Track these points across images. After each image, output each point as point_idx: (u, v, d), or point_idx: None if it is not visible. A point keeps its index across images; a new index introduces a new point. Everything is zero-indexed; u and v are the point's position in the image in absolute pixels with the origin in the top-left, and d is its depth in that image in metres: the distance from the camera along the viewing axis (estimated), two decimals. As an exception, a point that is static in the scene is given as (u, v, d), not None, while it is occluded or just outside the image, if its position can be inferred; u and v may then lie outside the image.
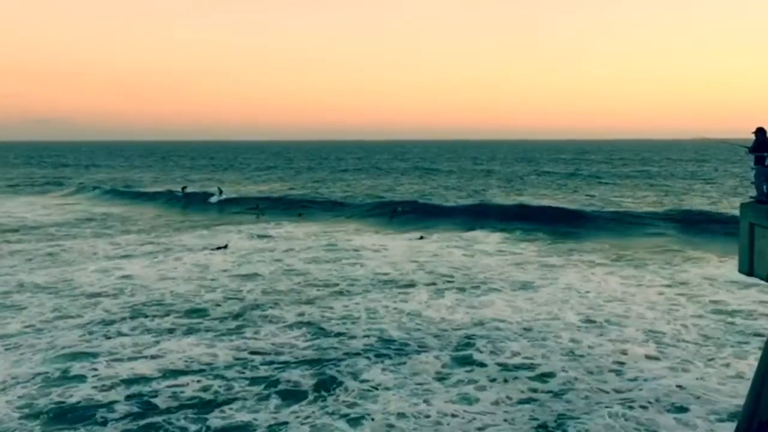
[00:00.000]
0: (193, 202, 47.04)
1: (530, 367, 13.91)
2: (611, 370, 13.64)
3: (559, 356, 14.52)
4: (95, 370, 13.66)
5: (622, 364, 14.02)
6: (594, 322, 17.11)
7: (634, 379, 13.14)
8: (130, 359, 14.31)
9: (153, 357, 14.49)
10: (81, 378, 13.19)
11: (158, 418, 11.49)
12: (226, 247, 28.31)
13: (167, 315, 17.80)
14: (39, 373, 13.40)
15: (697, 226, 31.81)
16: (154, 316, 17.65)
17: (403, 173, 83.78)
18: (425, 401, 12.21)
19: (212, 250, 27.84)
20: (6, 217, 40.75)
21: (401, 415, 11.62)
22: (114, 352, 14.78)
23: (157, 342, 15.48)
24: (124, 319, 17.32)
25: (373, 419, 11.48)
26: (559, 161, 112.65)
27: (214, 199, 47.03)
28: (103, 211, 44.28)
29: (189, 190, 51.43)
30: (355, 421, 11.43)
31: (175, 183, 62.24)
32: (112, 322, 17.03)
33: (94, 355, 14.49)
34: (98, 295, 19.90)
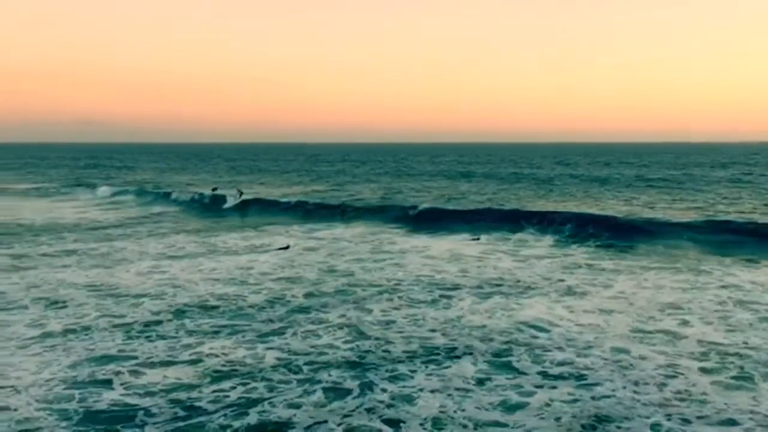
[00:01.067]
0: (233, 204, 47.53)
1: (574, 376, 13.73)
2: (659, 383, 13.29)
3: (604, 366, 14.27)
4: (133, 371, 13.95)
5: (671, 377, 13.64)
6: (644, 330, 16.73)
7: (683, 392, 12.79)
8: (169, 361, 14.62)
9: (194, 358, 14.77)
10: (118, 379, 13.50)
11: (197, 419, 11.75)
12: (287, 248, 28.83)
13: (210, 317, 18.11)
14: (75, 374, 13.72)
15: (756, 233, 30.64)
16: (197, 318, 17.99)
17: (444, 175, 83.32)
18: (463, 407, 12.21)
19: (276, 249, 28.52)
20: (60, 217, 42.07)
21: (438, 420, 11.66)
22: (154, 353, 15.11)
23: (199, 343, 15.79)
24: (166, 320, 17.67)
25: (410, 423, 11.54)
26: (597, 164, 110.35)
27: (230, 202, 46.02)
28: (152, 211, 45.31)
29: (219, 191, 51.17)
30: (392, 423, 11.55)
31: (225, 185, 63.29)
32: (154, 323, 17.39)
33: (133, 357, 14.80)
34: (142, 295, 20.36)
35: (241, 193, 48.46)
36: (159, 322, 17.42)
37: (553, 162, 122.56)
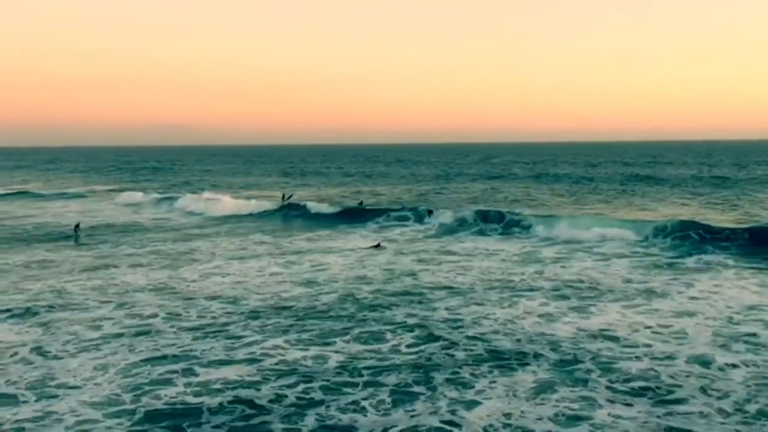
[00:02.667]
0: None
1: (649, 389, 13.15)
2: (745, 399, 12.57)
3: (682, 378, 13.61)
4: (195, 370, 14.26)
5: (761, 391, 12.90)
6: (730, 338, 15.92)
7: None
8: (231, 360, 14.91)
9: (257, 358, 15.03)
10: (182, 378, 13.81)
11: (258, 419, 11.97)
12: (378, 246, 29.52)
13: (276, 317, 18.40)
14: (138, 373, 14.09)
15: None
16: (263, 318, 18.31)
17: (519, 177, 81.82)
18: (526, 415, 11.94)
19: (367, 248, 29.27)
20: (143, 219, 43.75)
21: (498, 428, 11.45)
22: (217, 352, 15.44)
23: (263, 343, 16.05)
24: (232, 321, 18.02)
25: (469, 430, 11.37)
26: (659, 164, 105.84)
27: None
28: (230, 213, 46.14)
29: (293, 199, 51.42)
30: (452, 428, 11.44)
31: (298, 188, 64.21)
32: (220, 324, 17.80)
33: (197, 356, 15.13)
34: (211, 296, 20.88)
35: (290, 196, 49.19)
36: (225, 323, 17.81)
37: (596, 163, 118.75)
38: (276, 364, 14.62)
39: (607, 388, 13.12)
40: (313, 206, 43.64)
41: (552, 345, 15.67)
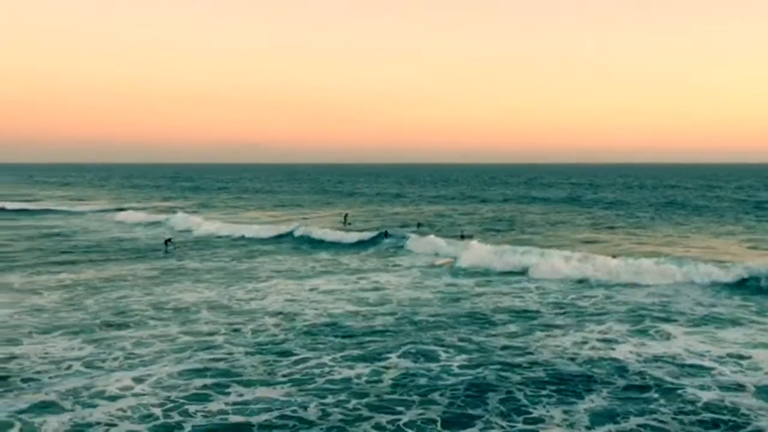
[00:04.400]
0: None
1: (722, 423, 12.39)
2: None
3: (757, 411, 12.78)
4: (241, 387, 14.28)
5: None
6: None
7: None
8: (284, 377, 14.90)
9: (311, 375, 15.00)
10: (226, 394, 13.87)
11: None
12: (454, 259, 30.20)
13: (330, 334, 18.44)
14: (183, 387, 14.23)
15: None
16: (317, 334, 18.36)
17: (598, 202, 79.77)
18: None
19: (436, 266, 29.55)
20: (213, 236, 44.68)
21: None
22: (269, 368, 15.49)
23: (317, 360, 16.03)
24: (288, 339, 18.07)
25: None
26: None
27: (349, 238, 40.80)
28: (298, 233, 46.53)
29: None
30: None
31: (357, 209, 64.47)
32: (275, 340, 17.89)
33: (247, 372, 15.19)
34: (267, 313, 21.06)
35: (346, 215, 50.15)
36: (279, 340, 17.92)
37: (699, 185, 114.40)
38: (327, 381, 14.58)
39: (674, 418, 12.54)
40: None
41: (616, 370, 15.13)
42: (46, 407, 12.97)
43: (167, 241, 37.74)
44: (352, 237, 39.52)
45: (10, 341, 17.48)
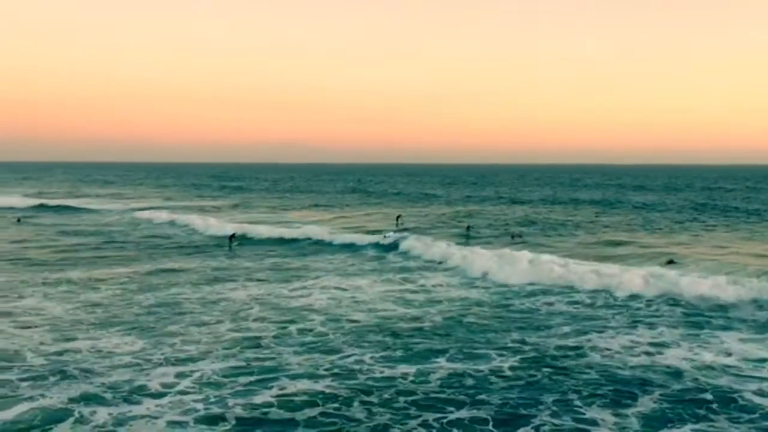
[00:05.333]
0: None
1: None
2: None
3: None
4: (288, 382, 14.45)
5: None
6: None
7: None
8: (330, 374, 15.00)
9: (358, 374, 15.04)
10: (272, 389, 14.04)
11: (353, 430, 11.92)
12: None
13: (379, 333, 18.48)
14: (235, 382, 14.47)
15: None
16: (365, 334, 18.39)
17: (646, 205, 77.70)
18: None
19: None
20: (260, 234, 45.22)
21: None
22: (316, 365, 15.60)
23: (365, 359, 16.09)
24: (337, 337, 18.13)
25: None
26: None
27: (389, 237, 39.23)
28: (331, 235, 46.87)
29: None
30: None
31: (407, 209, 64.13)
32: (323, 338, 18.01)
33: (294, 369, 15.35)
34: (320, 311, 21.23)
35: (399, 216, 50.10)
36: (327, 338, 18.03)
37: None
38: (373, 379, 14.61)
39: (731, 425, 12.19)
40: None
41: (670, 375, 14.81)
42: (95, 398, 13.35)
43: (231, 237, 38.48)
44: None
45: (67, 335, 18.00)
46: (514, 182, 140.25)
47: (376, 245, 37.18)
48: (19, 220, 51.42)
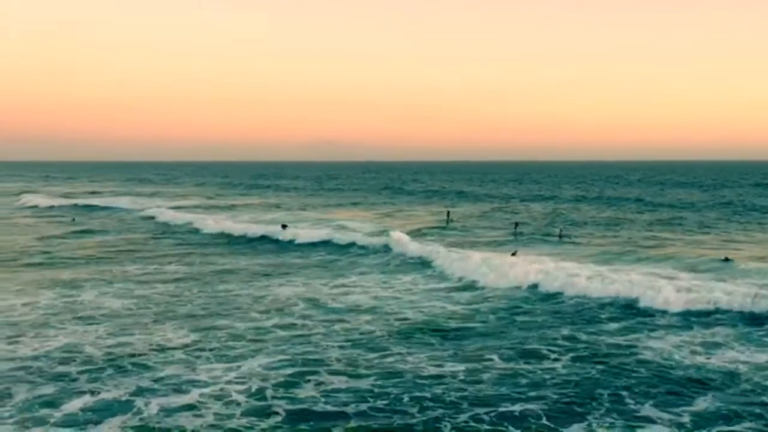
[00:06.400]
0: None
1: None
2: None
3: None
4: (334, 378, 14.57)
5: None
6: None
7: None
8: (377, 371, 15.06)
9: (407, 371, 15.07)
10: (318, 384, 14.21)
11: (402, 422, 12.06)
12: (514, 253, 29.60)
13: (427, 331, 18.47)
14: (282, 374, 14.72)
15: None
16: (408, 331, 18.43)
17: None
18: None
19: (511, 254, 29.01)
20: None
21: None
22: (363, 362, 15.70)
23: (415, 357, 16.10)
24: (384, 335, 18.16)
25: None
26: None
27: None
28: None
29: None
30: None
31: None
32: (372, 337, 18.06)
33: (340, 365, 15.50)
34: (366, 309, 21.32)
35: (449, 213, 51.02)
36: (375, 335, 18.12)
37: None
38: (423, 376, 14.64)
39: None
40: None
41: (726, 375, 14.50)
42: (148, 390, 13.71)
43: (284, 226, 38.99)
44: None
45: (123, 329, 18.50)
46: (554, 179, 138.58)
47: (420, 243, 37.16)
48: (74, 219, 52.90)
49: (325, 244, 36.60)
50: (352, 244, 36.42)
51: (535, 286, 23.90)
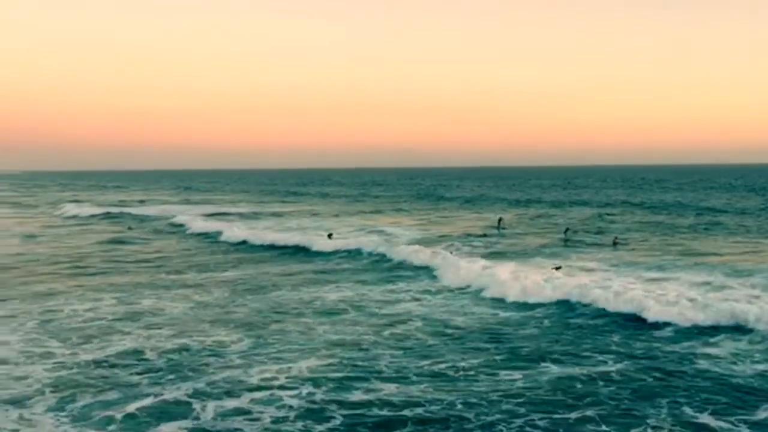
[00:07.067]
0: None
1: None
2: None
3: None
4: (386, 385, 14.64)
5: None
6: None
7: None
8: (431, 377, 15.11)
9: (459, 378, 15.14)
10: (369, 391, 14.26)
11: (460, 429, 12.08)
12: (559, 268, 28.79)
13: (483, 338, 18.49)
14: (331, 379, 14.88)
15: None
16: (465, 337, 18.44)
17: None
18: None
19: (554, 268, 28.28)
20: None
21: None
22: (416, 369, 15.72)
23: (467, 363, 16.10)
24: (436, 342, 18.10)
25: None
26: None
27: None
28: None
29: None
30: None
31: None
32: (424, 343, 18.09)
33: (393, 371, 15.56)
34: (419, 315, 21.37)
35: (500, 219, 50.91)
36: (427, 342, 18.14)
37: None
38: (477, 382, 14.67)
39: None
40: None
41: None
42: (205, 394, 14.00)
43: (330, 235, 39.67)
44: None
45: (182, 334, 18.92)
46: (601, 184, 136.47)
47: (466, 254, 37.08)
48: (130, 228, 54.25)
49: (371, 251, 36.76)
50: (399, 251, 36.52)
51: (585, 297, 23.56)
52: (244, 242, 41.95)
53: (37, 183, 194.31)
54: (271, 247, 39.91)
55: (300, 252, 38.08)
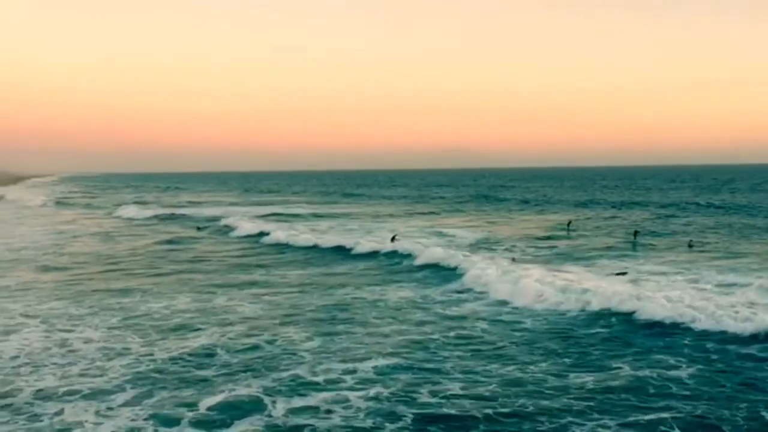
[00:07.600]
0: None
1: None
2: None
3: None
4: (449, 383, 14.74)
5: None
6: None
7: None
8: (498, 378, 15.11)
9: (529, 380, 15.05)
10: (431, 389, 14.40)
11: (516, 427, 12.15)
12: (625, 273, 28.15)
13: (552, 339, 18.42)
14: (395, 379, 15.01)
15: None
16: (540, 341, 18.32)
17: None
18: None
19: (615, 274, 27.71)
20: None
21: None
22: (482, 369, 15.78)
23: (538, 366, 16.04)
24: (506, 344, 18.05)
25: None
26: None
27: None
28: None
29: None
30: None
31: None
32: (493, 345, 18.04)
33: (457, 372, 15.64)
34: (485, 315, 21.36)
35: (569, 222, 50.21)
36: (496, 345, 18.10)
37: None
38: (547, 385, 14.57)
39: None
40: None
41: None
42: (275, 391, 14.32)
43: (393, 238, 39.85)
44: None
45: (253, 332, 19.35)
46: (670, 184, 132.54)
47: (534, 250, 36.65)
48: (198, 228, 55.42)
49: (430, 255, 36.63)
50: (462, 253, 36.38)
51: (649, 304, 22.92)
52: (314, 246, 42.30)
53: (111, 185, 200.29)
54: (337, 249, 40.31)
55: (367, 254, 38.32)
